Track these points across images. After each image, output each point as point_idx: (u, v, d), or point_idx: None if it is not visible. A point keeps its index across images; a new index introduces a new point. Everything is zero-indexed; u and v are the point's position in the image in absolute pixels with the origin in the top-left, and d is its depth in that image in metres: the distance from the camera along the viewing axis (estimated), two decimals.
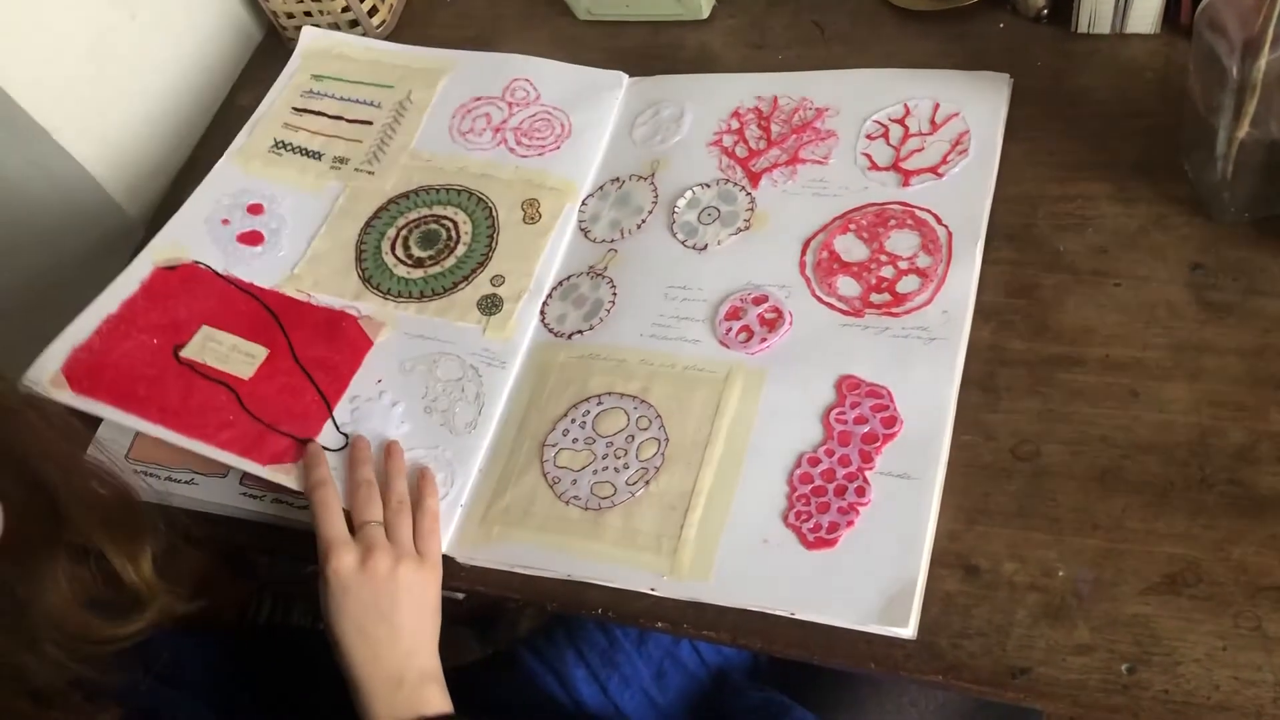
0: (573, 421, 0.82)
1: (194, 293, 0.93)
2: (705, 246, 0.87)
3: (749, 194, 0.89)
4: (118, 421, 0.84)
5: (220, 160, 1.03)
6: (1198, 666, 0.63)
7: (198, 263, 0.95)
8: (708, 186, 0.91)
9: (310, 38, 1.11)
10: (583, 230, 0.93)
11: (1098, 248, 0.80)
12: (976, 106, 0.88)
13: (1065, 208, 0.82)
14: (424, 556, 0.75)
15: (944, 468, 0.73)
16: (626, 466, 0.79)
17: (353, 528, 0.75)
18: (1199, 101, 0.74)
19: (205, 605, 0.71)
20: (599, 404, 0.82)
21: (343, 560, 0.72)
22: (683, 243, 0.88)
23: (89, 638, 0.62)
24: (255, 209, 1.00)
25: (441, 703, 0.71)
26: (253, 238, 0.98)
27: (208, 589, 0.76)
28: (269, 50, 1.20)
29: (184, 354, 0.89)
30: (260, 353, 0.89)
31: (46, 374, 0.86)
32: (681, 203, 0.90)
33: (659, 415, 0.80)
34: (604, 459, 0.79)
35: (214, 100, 1.17)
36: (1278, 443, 0.69)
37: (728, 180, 0.91)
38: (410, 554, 0.74)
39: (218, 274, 0.95)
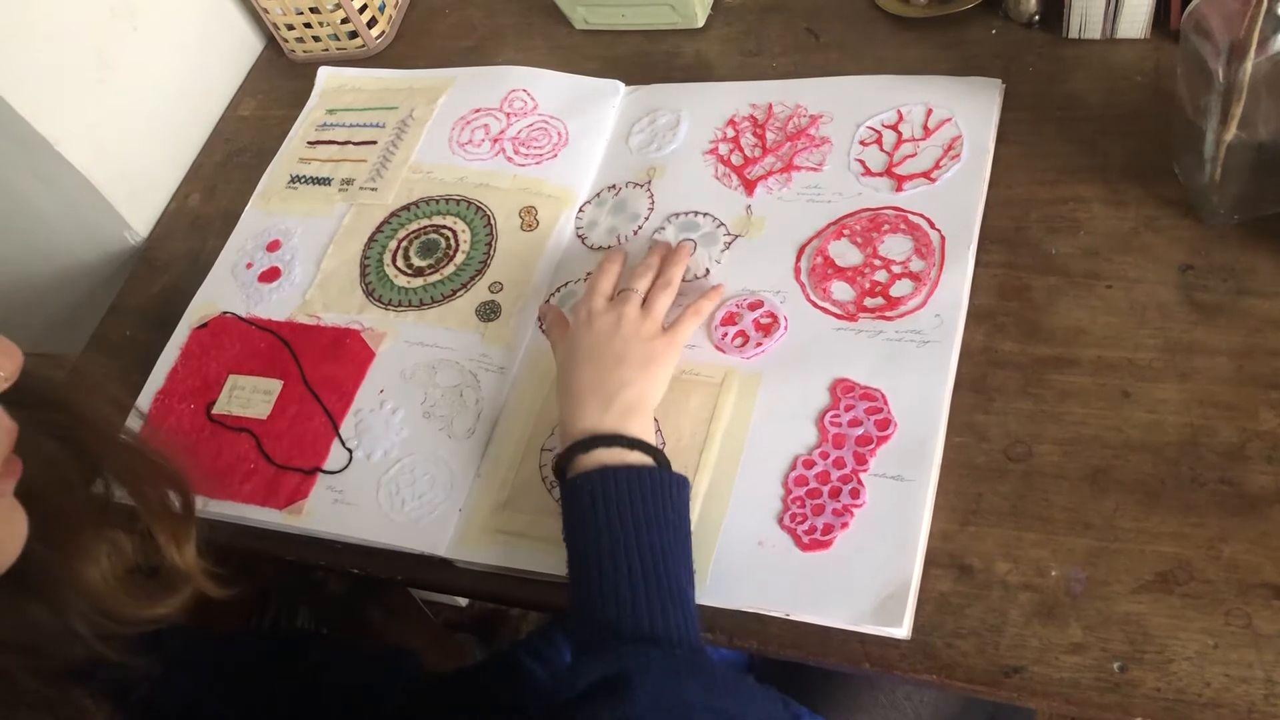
0: None
1: (221, 344, 0.96)
2: (707, 272, 0.87)
3: (728, 233, 0.90)
4: None
5: (245, 208, 1.06)
6: (1189, 664, 0.64)
7: (225, 313, 0.98)
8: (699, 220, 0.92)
9: (326, 77, 1.14)
10: (580, 237, 0.94)
11: (1089, 250, 0.80)
12: (969, 112, 0.89)
13: (1057, 211, 0.83)
14: (672, 333, 0.80)
15: (937, 469, 0.73)
16: None
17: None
18: (1187, 105, 0.75)
19: (232, 597, 0.71)
20: None
21: (596, 301, 0.80)
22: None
23: (120, 616, 0.63)
24: (273, 245, 1.02)
25: (644, 429, 0.75)
26: (271, 274, 0.99)
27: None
28: (270, 61, 1.22)
29: (215, 411, 0.91)
30: (276, 386, 0.91)
31: None
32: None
33: (655, 419, 0.81)
34: None
35: (215, 110, 1.18)
36: (1267, 442, 0.70)
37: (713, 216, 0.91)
38: (657, 323, 0.80)
39: (240, 318, 0.97)
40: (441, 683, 0.98)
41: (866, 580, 0.70)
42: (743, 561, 0.73)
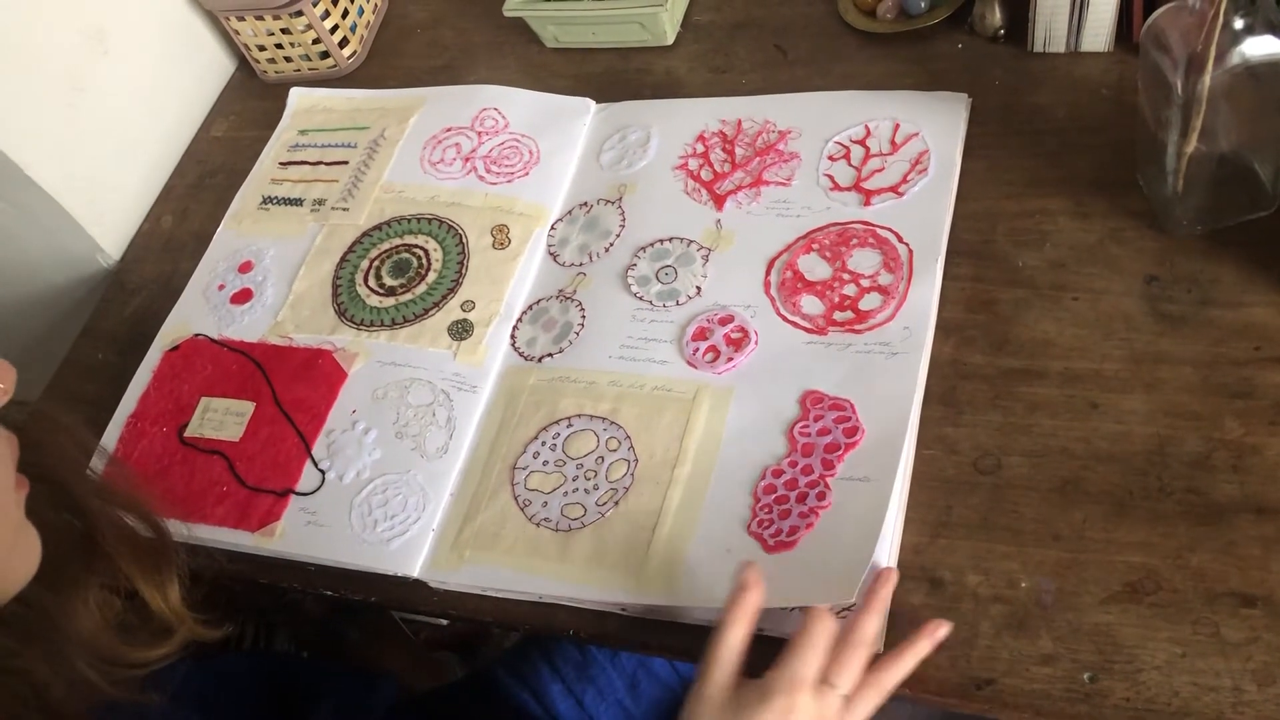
0: (543, 444, 0.83)
1: (194, 367, 0.95)
2: (698, 290, 0.87)
3: (705, 259, 0.89)
4: None
5: (218, 229, 1.06)
6: (1158, 674, 0.64)
7: (197, 335, 0.97)
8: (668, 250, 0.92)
9: (298, 97, 1.14)
10: (551, 254, 0.94)
11: (1056, 262, 0.81)
12: (936, 126, 0.89)
13: (1023, 223, 0.84)
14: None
15: (904, 467, 0.74)
16: (596, 488, 0.79)
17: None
18: (1148, 118, 0.76)
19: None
20: (569, 426, 0.83)
21: (801, 696, 0.63)
22: (651, 304, 0.88)
23: (120, 661, 0.63)
24: (245, 266, 1.01)
25: None
26: (243, 295, 0.99)
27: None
28: (242, 82, 1.22)
29: (187, 434, 0.91)
30: (248, 408, 0.91)
31: None
32: (642, 267, 0.90)
33: (628, 436, 0.81)
34: (574, 481, 0.80)
35: (188, 132, 1.18)
36: (1233, 451, 0.70)
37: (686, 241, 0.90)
38: None
39: (213, 340, 0.96)
40: (419, 702, 0.98)
41: (823, 571, 0.70)
42: (711, 571, 0.73)
